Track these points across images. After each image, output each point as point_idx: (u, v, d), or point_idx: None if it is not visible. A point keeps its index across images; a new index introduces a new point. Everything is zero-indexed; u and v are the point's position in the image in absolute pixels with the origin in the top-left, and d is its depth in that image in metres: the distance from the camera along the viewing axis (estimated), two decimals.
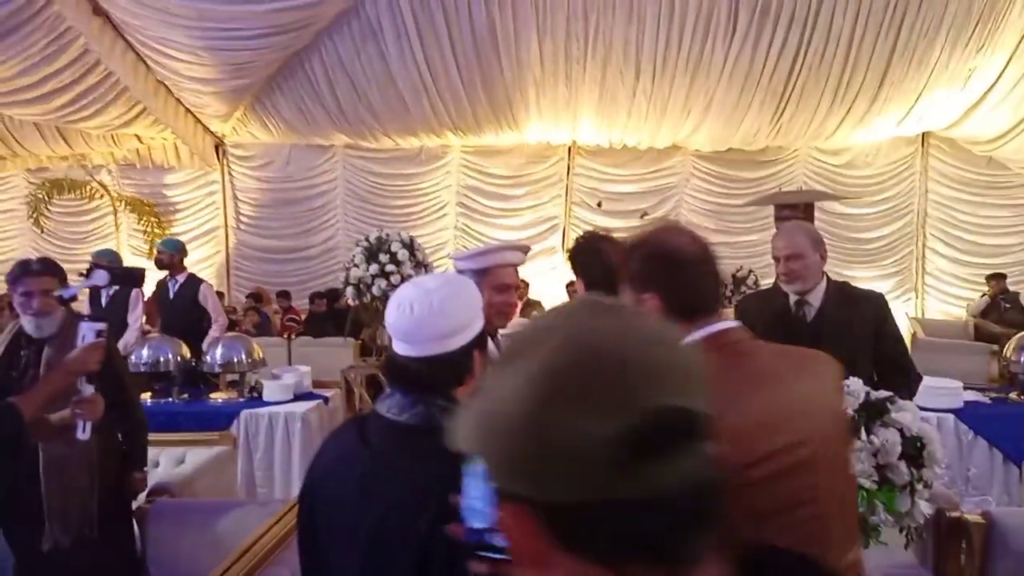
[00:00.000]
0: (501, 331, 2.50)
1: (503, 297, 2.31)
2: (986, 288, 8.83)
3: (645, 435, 0.51)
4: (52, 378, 2.49)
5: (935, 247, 10.28)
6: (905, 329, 8.92)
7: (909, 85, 8.37)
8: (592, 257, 2.26)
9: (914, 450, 1.96)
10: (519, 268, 2.46)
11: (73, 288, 2.74)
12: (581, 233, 2.68)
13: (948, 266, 10.18)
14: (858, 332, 2.61)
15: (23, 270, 2.68)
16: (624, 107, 9.00)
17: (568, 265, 2.55)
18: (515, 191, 10.60)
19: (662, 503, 0.52)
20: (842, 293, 2.71)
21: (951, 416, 4.44)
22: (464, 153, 10.45)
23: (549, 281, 9.88)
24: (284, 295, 9.35)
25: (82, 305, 5.44)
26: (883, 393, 2.05)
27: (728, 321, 1.32)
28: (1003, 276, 8.46)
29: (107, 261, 5.28)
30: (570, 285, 8.43)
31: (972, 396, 4.74)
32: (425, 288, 1.27)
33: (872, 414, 1.99)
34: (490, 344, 2.29)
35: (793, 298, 2.70)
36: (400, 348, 1.27)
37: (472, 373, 1.30)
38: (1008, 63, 7.95)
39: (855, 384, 2.06)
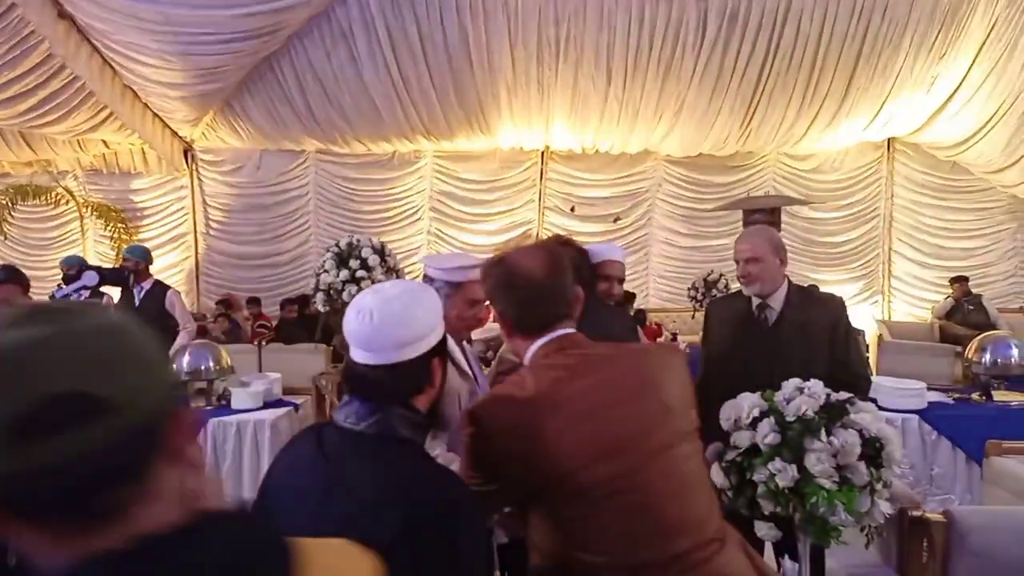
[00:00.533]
0: (475, 336, 2.50)
1: (474, 311, 2.31)
2: (950, 291, 9.00)
3: (33, 419, 0.62)
4: None
5: (901, 250, 10.48)
6: (871, 331, 9.08)
7: (874, 91, 8.53)
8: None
9: (873, 451, 1.99)
10: None
11: (65, 289, 2.75)
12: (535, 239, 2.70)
13: (914, 269, 10.37)
14: (816, 335, 2.65)
15: None
16: (596, 112, 9.06)
17: None
18: (488, 196, 10.61)
19: (60, 471, 0.63)
20: (802, 297, 2.75)
21: (915, 417, 4.51)
22: (437, 158, 10.43)
23: None
24: (254, 301, 9.25)
25: None
26: (843, 395, 2.08)
27: (563, 329, 1.48)
28: (965, 279, 8.64)
29: (77, 268, 5.21)
30: None
31: (936, 397, 4.82)
32: (385, 296, 1.27)
33: (832, 416, 2.02)
34: (459, 353, 2.31)
35: (755, 302, 2.73)
36: (359, 356, 1.26)
37: (432, 382, 1.29)
38: (969, 70, 8.15)
39: (816, 386, 2.09)
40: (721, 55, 8.07)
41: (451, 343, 2.28)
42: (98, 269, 2.85)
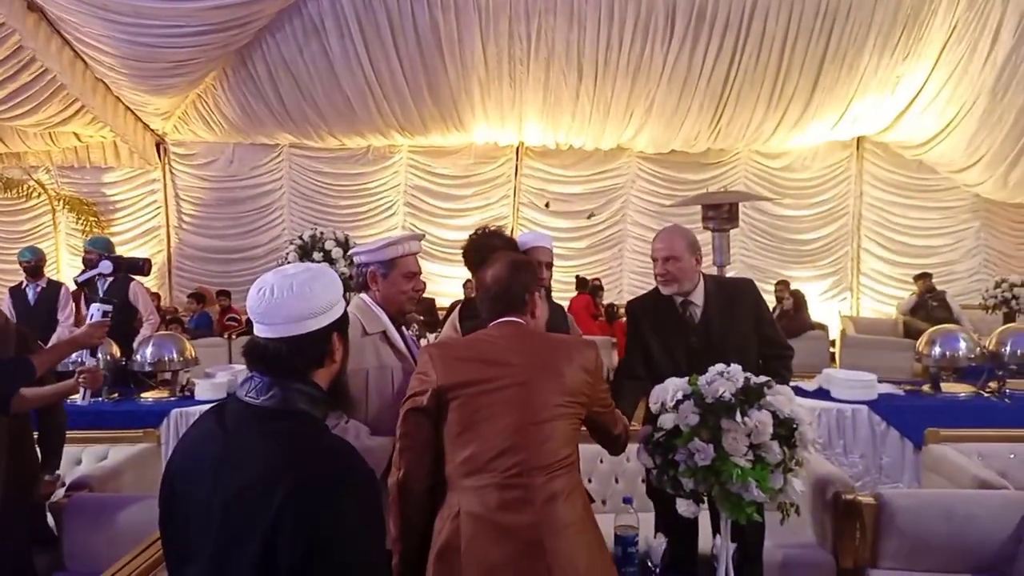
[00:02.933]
0: (429, 336, 2.58)
1: (412, 283, 2.39)
2: (915, 287, 9.17)
3: None
4: (60, 347, 2.81)
5: (869, 248, 10.66)
6: (836, 326, 9.23)
7: (840, 90, 8.69)
8: (486, 254, 2.34)
9: (787, 431, 2.07)
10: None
11: (85, 274, 2.99)
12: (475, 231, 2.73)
13: (881, 266, 10.56)
14: (742, 323, 2.74)
15: None
16: (568, 108, 9.15)
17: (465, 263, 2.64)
18: (463, 191, 10.67)
19: None
20: (720, 289, 2.82)
21: (865, 407, 4.63)
22: (412, 153, 10.48)
23: None
24: (224, 294, 9.24)
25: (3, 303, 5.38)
26: (761, 379, 2.17)
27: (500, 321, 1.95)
28: (929, 275, 8.80)
29: (30, 260, 5.28)
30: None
31: (887, 389, 4.94)
32: (285, 273, 1.34)
33: (751, 398, 2.11)
34: (396, 334, 2.38)
35: (678, 299, 2.78)
36: (260, 330, 1.32)
37: (332, 356, 1.36)
38: (932, 71, 8.31)
39: (735, 369, 2.17)
40: (689, 53, 8.19)
41: (389, 325, 2.36)
42: (114, 258, 2.94)
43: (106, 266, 2.81)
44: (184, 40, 7.54)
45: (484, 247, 2.40)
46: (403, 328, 2.45)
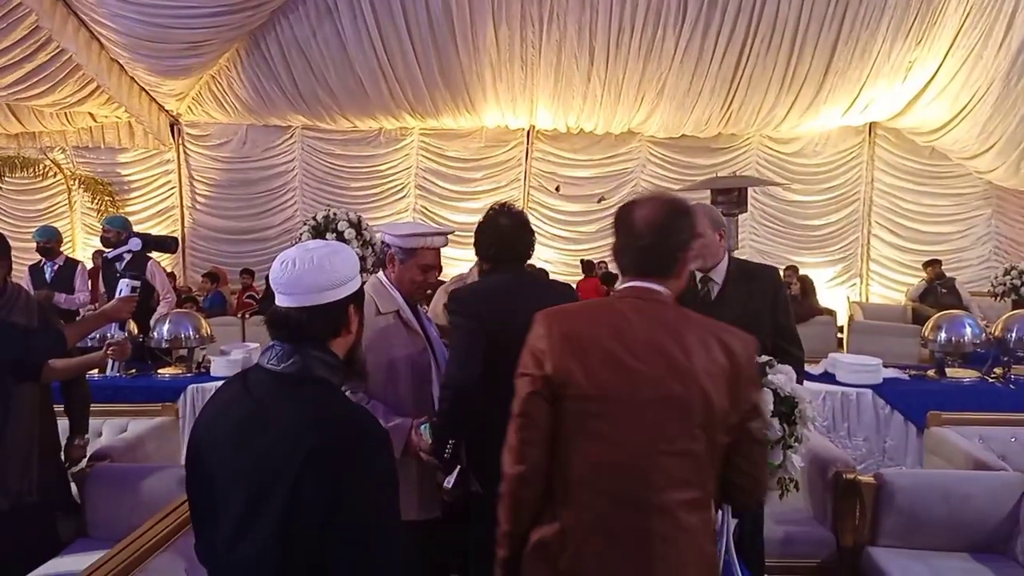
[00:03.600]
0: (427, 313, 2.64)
1: (424, 276, 2.45)
2: (924, 274, 9.17)
3: None
4: (90, 320, 2.95)
5: (879, 234, 10.64)
6: (844, 312, 9.26)
7: (852, 75, 8.66)
8: (491, 233, 2.41)
9: (787, 408, 2.14)
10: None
11: (114, 252, 3.04)
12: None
13: (891, 252, 10.54)
14: (756, 305, 2.78)
15: None
16: (579, 92, 9.16)
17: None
18: (474, 174, 10.71)
19: None
20: (741, 270, 2.88)
21: (869, 391, 4.69)
22: (423, 136, 10.52)
23: None
24: (247, 273, 9.32)
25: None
26: (763, 358, 2.23)
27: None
28: (938, 262, 8.80)
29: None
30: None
31: (892, 373, 4.99)
32: (306, 247, 1.43)
33: None
34: (410, 312, 2.44)
35: (698, 276, 2.85)
36: (282, 300, 1.40)
37: (348, 327, 1.44)
38: (945, 57, 8.26)
39: None
40: (701, 37, 8.18)
41: (403, 304, 2.44)
42: (142, 235, 3.03)
43: (135, 243, 2.89)
44: (199, 21, 7.61)
45: (488, 226, 2.44)
46: (418, 307, 2.53)
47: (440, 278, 2.80)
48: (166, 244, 3.07)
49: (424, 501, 2.37)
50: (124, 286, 2.80)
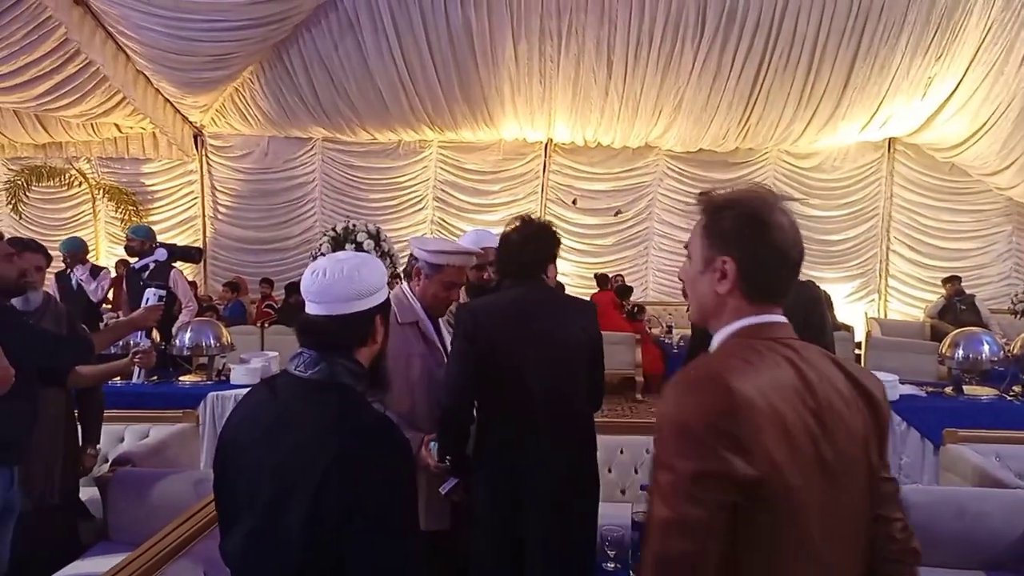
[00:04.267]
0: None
1: (447, 293, 2.52)
2: (943, 290, 9.10)
3: None
4: (118, 328, 3.04)
5: (898, 250, 10.57)
6: (862, 328, 9.20)
7: (871, 90, 8.64)
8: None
9: None
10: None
11: (141, 262, 3.10)
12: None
13: (910, 268, 10.47)
14: (791, 320, 2.81)
15: (23, 246, 2.90)
16: (597, 105, 9.21)
17: None
18: (491, 187, 10.79)
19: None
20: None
21: None
22: (441, 148, 10.62)
23: None
24: (267, 282, 9.45)
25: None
26: None
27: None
28: (958, 279, 8.73)
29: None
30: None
31: (909, 390, 4.97)
32: (336, 259, 1.48)
33: None
34: (429, 325, 2.50)
35: None
36: (312, 309, 1.46)
37: (374, 336, 1.49)
38: (965, 73, 8.23)
39: None
40: (719, 52, 8.21)
41: (423, 315, 2.50)
42: (168, 246, 3.12)
43: (161, 253, 2.97)
44: (224, 35, 7.75)
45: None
46: (438, 320, 2.59)
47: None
48: (190, 254, 3.15)
49: (433, 512, 2.41)
50: (151, 295, 2.89)
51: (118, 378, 4.78)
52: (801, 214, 10.38)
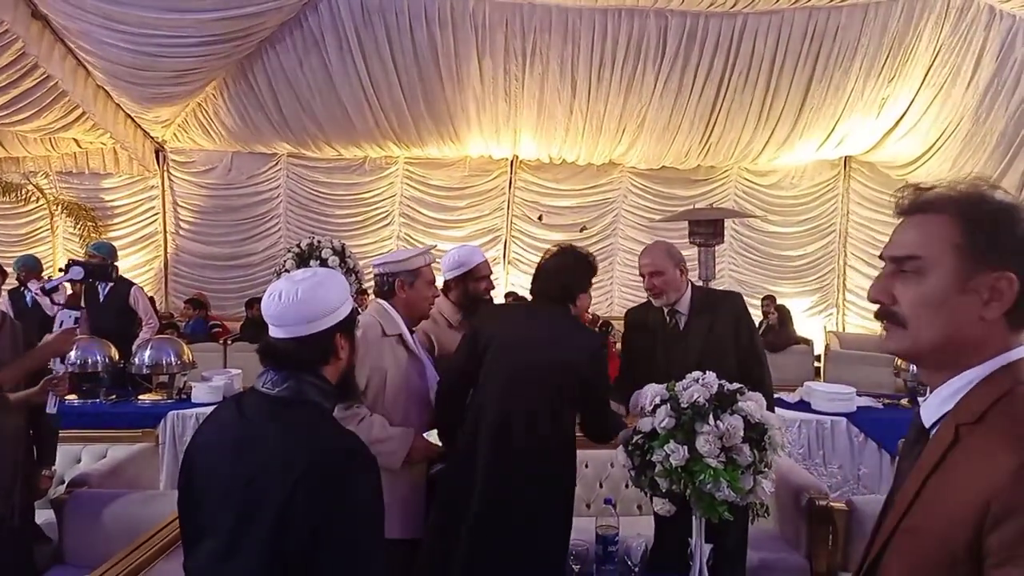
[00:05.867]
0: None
1: (432, 291, 2.65)
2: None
3: None
4: (33, 355, 2.83)
5: (855, 265, 10.84)
6: (821, 341, 9.39)
7: (827, 110, 8.89)
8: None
9: (757, 435, 2.21)
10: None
11: (55, 280, 2.96)
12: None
13: (867, 283, 10.68)
14: (720, 331, 2.91)
15: None
16: (562, 123, 9.32)
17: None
18: (458, 203, 10.81)
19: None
20: (705, 299, 3.01)
21: (844, 419, 4.79)
22: (408, 164, 10.62)
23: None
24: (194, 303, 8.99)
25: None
26: (735, 385, 2.31)
27: None
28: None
29: (21, 268, 5.43)
30: (508, 296, 8.70)
31: (866, 402, 5.10)
32: (293, 280, 1.49)
33: (723, 403, 2.25)
34: (408, 335, 2.55)
35: (666, 309, 2.98)
36: (274, 332, 1.47)
37: (336, 354, 1.50)
38: (916, 93, 8.52)
39: (710, 377, 2.31)
40: (680, 72, 8.39)
41: (405, 329, 2.57)
42: (84, 264, 3.01)
43: (77, 272, 2.86)
44: (186, 50, 7.68)
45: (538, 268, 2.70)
46: (413, 333, 2.67)
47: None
48: (106, 272, 3.05)
49: (408, 520, 2.45)
50: (65, 317, 2.77)
51: (74, 396, 4.71)
52: (761, 229, 10.65)
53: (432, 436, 2.55)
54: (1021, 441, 0.87)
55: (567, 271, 2.60)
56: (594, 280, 2.76)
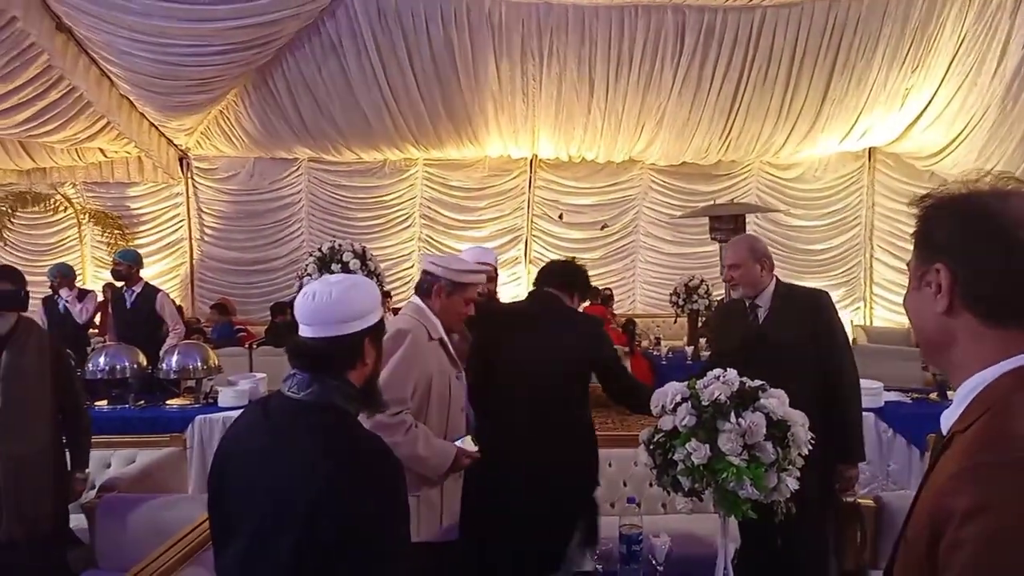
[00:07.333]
0: None
1: (467, 309, 2.63)
2: None
3: None
4: None
5: (882, 258, 10.70)
6: (848, 335, 9.26)
7: (850, 103, 8.78)
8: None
9: (780, 432, 2.19)
10: None
11: None
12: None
13: (894, 276, 10.57)
14: (796, 327, 2.92)
15: None
16: (580, 122, 9.31)
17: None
18: (477, 203, 10.84)
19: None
20: (787, 294, 3.05)
21: (871, 415, 4.71)
22: (427, 166, 10.67)
23: (511, 290, 10.16)
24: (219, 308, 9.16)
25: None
26: (756, 382, 2.29)
27: None
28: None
29: (55, 275, 5.52)
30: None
31: (895, 396, 5.03)
32: (328, 281, 1.51)
33: (745, 400, 2.23)
34: (448, 343, 2.58)
35: (747, 302, 3.05)
36: (304, 331, 1.49)
37: (364, 359, 1.51)
38: (941, 83, 8.38)
39: (731, 374, 2.29)
40: (699, 68, 8.34)
41: (443, 332, 2.56)
42: None
43: None
44: (207, 59, 7.78)
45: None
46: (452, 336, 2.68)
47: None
48: (16, 298, 2.94)
49: (444, 524, 2.46)
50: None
51: (104, 402, 4.80)
52: (785, 224, 10.55)
53: (467, 442, 2.53)
54: (973, 446, 0.84)
55: (568, 269, 3.01)
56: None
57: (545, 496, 2.62)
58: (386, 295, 6.92)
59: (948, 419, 0.96)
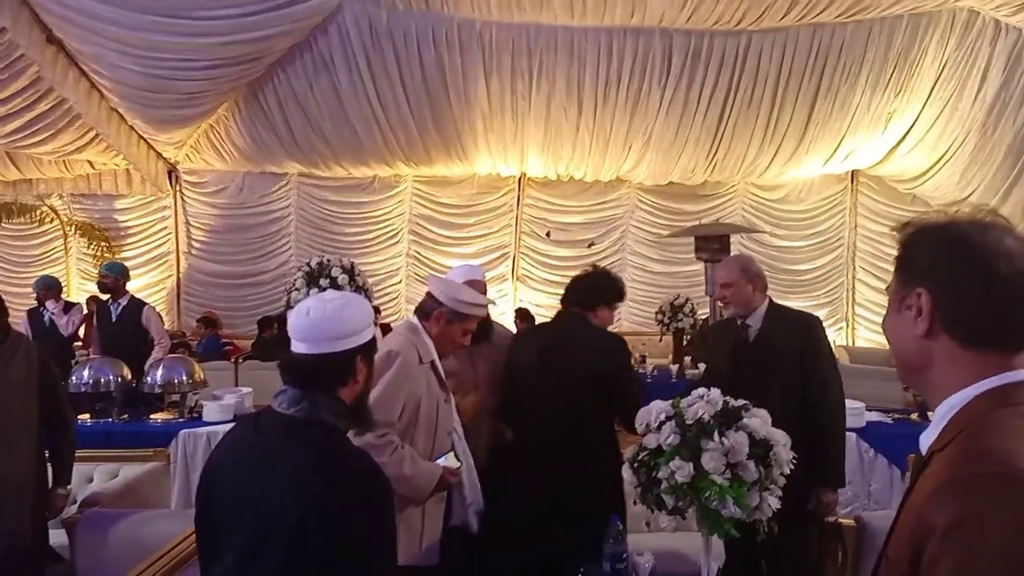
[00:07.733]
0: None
1: (464, 339, 2.64)
2: None
3: None
4: None
5: (864, 279, 10.82)
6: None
7: (833, 126, 8.93)
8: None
9: (762, 451, 2.22)
10: None
11: None
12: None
13: (876, 297, 10.68)
14: (784, 348, 2.97)
15: None
16: (568, 141, 9.39)
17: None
18: (466, 220, 10.88)
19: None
20: (777, 315, 3.11)
21: (853, 434, 4.75)
22: (416, 183, 10.71)
23: (499, 307, 10.16)
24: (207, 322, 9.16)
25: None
26: (740, 402, 2.32)
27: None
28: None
29: (41, 288, 5.49)
30: (517, 313, 8.80)
31: (876, 417, 5.07)
32: (322, 299, 1.54)
33: (728, 419, 2.26)
34: (439, 366, 2.58)
35: (739, 321, 3.12)
36: (297, 347, 1.51)
37: (355, 376, 1.53)
38: (923, 107, 8.54)
39: (715, 393, 2.33)
40: (686, 90, 8.46)
41: (436, 356, 2.56)
42: None
43: None
44: (197, 73, 7.80)
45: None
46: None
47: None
48: None
49: (425, 548, 2.46)
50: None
51: (87, 415, 4.76)
52: (769, 244, 10.65)
53: (449, 459, 2.54)
54: (952, 463, 0.86)
55: (593, 283, 3.04)
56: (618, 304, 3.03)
57: (559, 508, 2.70)
58: (375, 311, 6.92)
59: (927, 439, 1.00)
